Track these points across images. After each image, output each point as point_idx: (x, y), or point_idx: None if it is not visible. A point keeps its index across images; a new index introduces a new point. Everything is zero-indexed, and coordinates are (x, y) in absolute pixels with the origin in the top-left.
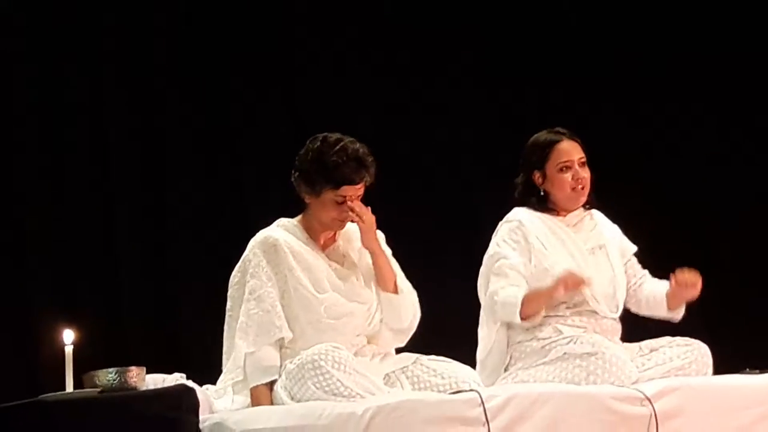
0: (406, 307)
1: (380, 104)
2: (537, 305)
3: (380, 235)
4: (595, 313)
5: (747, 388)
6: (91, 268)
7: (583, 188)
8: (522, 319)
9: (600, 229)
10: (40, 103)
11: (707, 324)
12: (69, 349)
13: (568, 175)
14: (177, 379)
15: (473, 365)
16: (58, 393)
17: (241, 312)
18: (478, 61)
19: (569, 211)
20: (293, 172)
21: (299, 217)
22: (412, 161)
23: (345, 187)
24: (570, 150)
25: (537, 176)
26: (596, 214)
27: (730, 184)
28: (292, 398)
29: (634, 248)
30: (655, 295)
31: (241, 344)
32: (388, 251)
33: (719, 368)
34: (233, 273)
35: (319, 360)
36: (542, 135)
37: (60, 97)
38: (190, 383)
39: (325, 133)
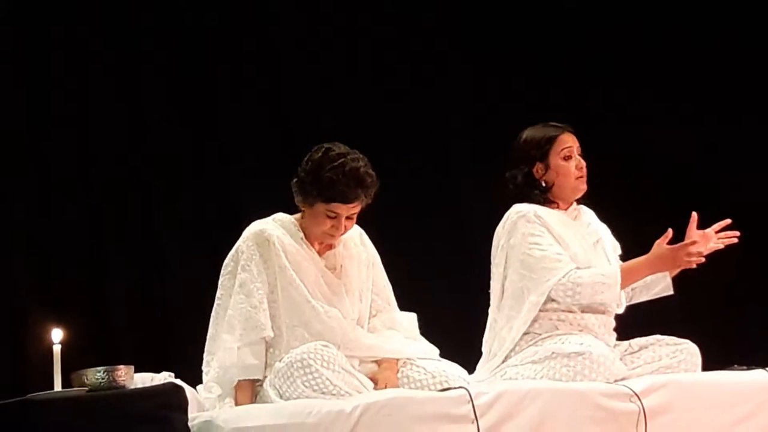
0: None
1: (366, 101)
2: (632, 279)
3: (371, 247)
4: (603, 305)
5: (735, 384)
6: (78, 268)
7: (583, 177)
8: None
9: (594, 225)
10: (23, 103)
11: (695, 320)
12: (57, 348)
13: (571, 164)
14: (165, 377)
15: (461, 362)
16: (46, 392)
17: (230, 303)
18: (465, 59)
19: (569, 204)
20: (293, 176)
21: (298, 215)
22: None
23: (336, 204)
24: (570, 139)
25: (538, 169)
26: (586, 210)
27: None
28: (281, 396)
29: (619, 245)
30: (639, 284)
31: (227, 338)
32: (381, 267)
33: (707, 364)
34: (226, 261)
35: (308, 359)
36: (539, 129)
37: (45, 97)
38: (179, 382)
39: (331, 145)
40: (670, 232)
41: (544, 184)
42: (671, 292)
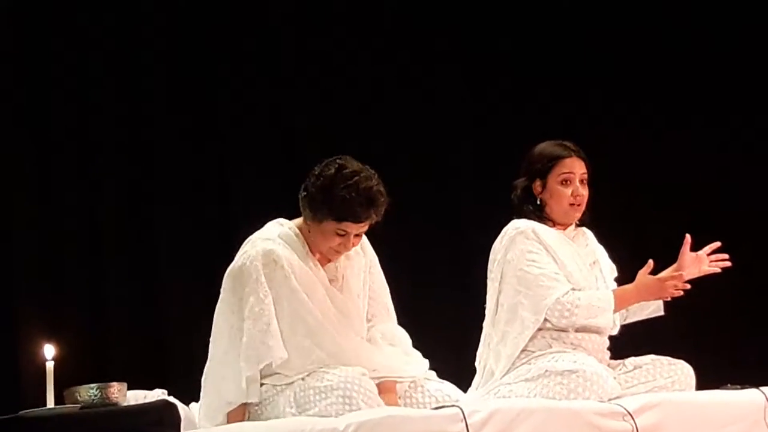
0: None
1: (366, 107)
2: (622, 306)
3: (370, 251)
4: (598, 327)
5: (728, 404)
6: (72, 284)
7: (579, 205)
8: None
9: (592, 245)
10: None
11: (689, 339)
12: (50, 365)
13: (567, 190)
14: (158, 395)
15: (458, 375)
16: (38, 409)
17: (242, 326)
18: (467, 65)
19: (565, 225)
20: (302, 188)
21: (299, 221)
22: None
23: (347, 223)
24: (574, 165)
25: (537, 185)
26: (585, 231)
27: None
28: (298, 409)
29: (615, 267)
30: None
31: (244, 366)
32: (380, 271)
33: (702, 384)
34: (228, 276)
35: (351, 390)
36: (550, 146)
37: (45, 103)
38: (172, 399)
39: (344, 161)
40: (650, 262)
41: (539, 202)
42: (662, 313)
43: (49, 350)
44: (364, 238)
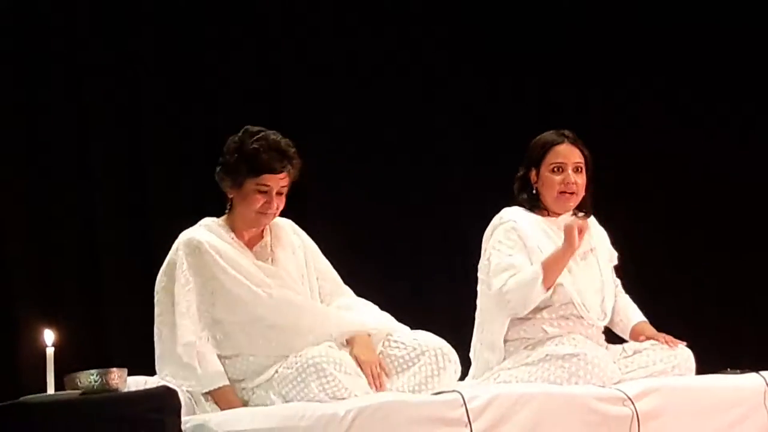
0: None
1: (361, 101)
2: (557, 270)
3: (304, 235)
4: (582, 319)
5: (728, 388)
6: (72, 269)
7: (572, 194)
8: (546, 288)
9: (590, 231)
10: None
11: (689, 324)
12: (50, 351)
13: (558, 178)
14: (159, 380)
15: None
16: (39, 395)
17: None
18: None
19: (558, 214)
20: (216, 168)
21: (224, 216)
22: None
23: (265, 176)
24: (567, 153)
25: (533, 174)
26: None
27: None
28: (286, 401)
29: (616, 254)
30: (623, 320)
31: (181, 351)
32: (320, 254)
33: (701, 368)
34: (159, 276)
35: (322, 362)
36: (546, 134)
37: (36, 95)
38: (172, 385)
39: (247, 126)
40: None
41: (534, 191)
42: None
43: (49, 336)
44: (296, 225)
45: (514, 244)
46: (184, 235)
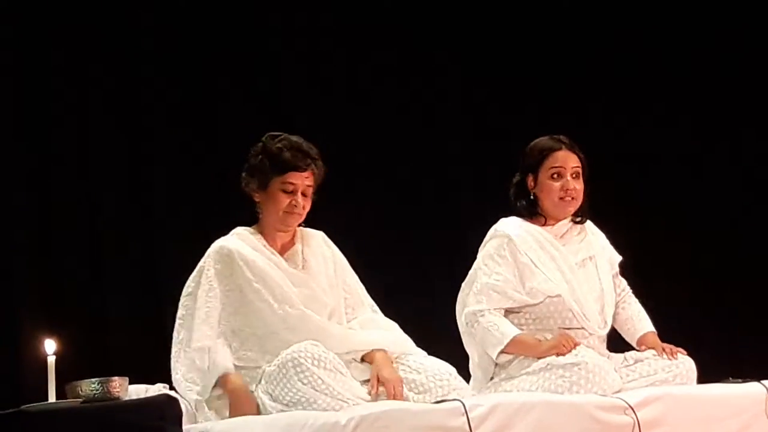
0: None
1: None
2: (519, 351)
3: (335, 248)
4: (583, 329)
5: (729, 397)
6: (73, 278)
7: (572, 199)
8: (498, 354)
9: (589, 238)
10: (21, 113)
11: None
12: (51, 360)
13: (558, 184)
14: (160, 389)
15: (457, 365)
16: (40, 403)
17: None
18: (464, 68)
19: (557, 220)
20: (242, 175)
21: (255, 225)
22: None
23: (291, 173)
24: (565, 159)
25: (530, 180)
26: (586, 224)
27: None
28: (275, 401)
29: (620, 258)
30: (630, 329)
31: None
32: (350, 268)
33: (702, 377)
34: (188, 282)
35: (299, 357)
36: (543, 140)
37: (43, 108)
38: (173, 393)
39: (269, 132)
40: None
41: (532, 197)
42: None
43: (50, 345)
44: (327, 237)
45: (504, 261)
46: (216, 244)
